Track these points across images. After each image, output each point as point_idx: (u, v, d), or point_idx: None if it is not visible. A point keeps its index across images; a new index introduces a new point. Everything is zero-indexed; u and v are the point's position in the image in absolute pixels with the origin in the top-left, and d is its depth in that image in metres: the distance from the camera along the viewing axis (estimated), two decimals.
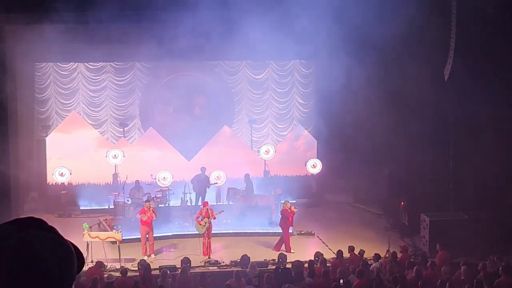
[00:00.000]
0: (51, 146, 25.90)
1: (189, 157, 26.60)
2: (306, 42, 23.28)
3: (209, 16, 21.58)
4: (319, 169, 26.48)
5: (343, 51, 22.96)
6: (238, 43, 23.13)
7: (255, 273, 18.39)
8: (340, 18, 20.82)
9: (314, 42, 23.26)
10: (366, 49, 22.63)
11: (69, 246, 2.22)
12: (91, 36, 22.58)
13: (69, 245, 2.23)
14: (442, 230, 20.99)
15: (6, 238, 2.12)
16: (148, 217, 20.79)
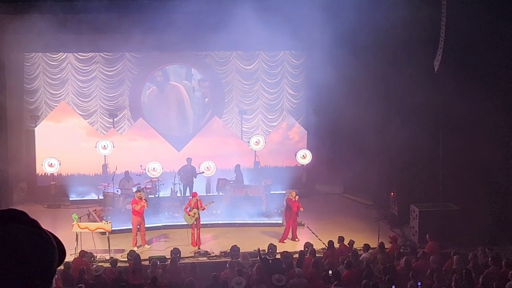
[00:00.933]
0: (40, 136, 25.81)
1: (179, 147, 26.57)
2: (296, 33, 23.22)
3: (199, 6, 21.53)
4: (309, 159, 26.51)
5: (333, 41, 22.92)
6: (228, 34, 23.09)
7: (248, 263, 18.40)
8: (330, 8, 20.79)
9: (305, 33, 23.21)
10: (356, 40, 22.60)
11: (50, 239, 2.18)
12: (81, 26, 22.50)
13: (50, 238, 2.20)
14: (432, 221, 21.05)
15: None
16: (141, 207, 20.76)
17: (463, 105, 21.30)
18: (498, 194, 21.74)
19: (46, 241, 2.17)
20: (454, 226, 20.73)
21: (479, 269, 17.09)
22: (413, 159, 23.12)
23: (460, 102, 21.46)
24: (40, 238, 2.16)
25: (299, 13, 21.35)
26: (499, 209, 21.59)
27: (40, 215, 23.45)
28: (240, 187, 24.54)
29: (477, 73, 21.26)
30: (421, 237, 20.61)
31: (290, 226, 21.64)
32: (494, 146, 21.44)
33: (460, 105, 21.44)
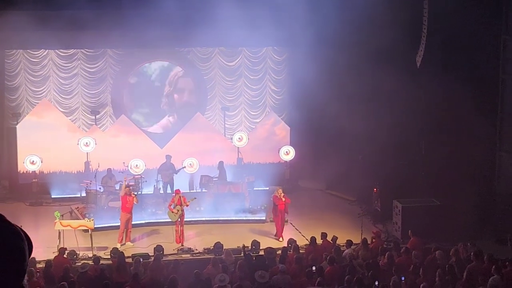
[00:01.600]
0: (22, 134, 25.64)
1: (162, 144, 26.48)
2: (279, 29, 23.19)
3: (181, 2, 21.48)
4: (292, 156, 26.50)
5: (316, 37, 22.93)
6: (211, 30, 23.04)
7: (231, 259, 18.39)
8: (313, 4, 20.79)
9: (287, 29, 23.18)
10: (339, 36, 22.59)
11: (17, 231, 2.15)
12: (61, 22, 22.34)
13: (19, 231, 2.16)
14: (414, 216, 21.12)
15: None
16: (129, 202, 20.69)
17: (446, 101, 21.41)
18: (480, 190, 21.85)
19: (14, 233, 2.13)
20: (437, 221, 20.82)
21: (462, 264, 17.18)
22: (396, 155, 23.18)
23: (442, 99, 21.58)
24: (8, 230, 2.12)
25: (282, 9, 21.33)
26: (481, 205, 21.69)
27: (22, 213, 23.37)
28: (224, 183, 24.49)
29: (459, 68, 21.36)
30: (404, 233, 20.69)
31: (279, 222, 21.59)
32: (476, 142, 21.53)
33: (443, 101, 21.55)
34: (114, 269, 17.75)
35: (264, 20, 21.84)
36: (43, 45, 25.43)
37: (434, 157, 22.38)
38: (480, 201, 21.64)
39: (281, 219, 21.52)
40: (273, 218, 22.00)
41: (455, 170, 21.84)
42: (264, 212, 23.47)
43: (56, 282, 16.28)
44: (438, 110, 21.68)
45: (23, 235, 2.18)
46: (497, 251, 18.67)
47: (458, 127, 21.56)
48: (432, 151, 22.38)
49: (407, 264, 17.30)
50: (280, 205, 21.35)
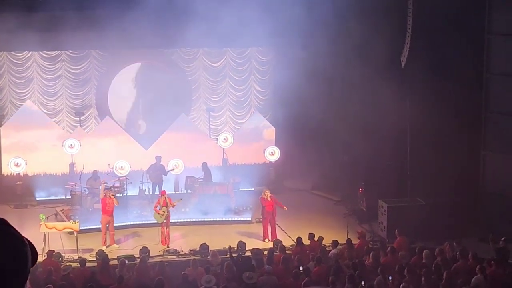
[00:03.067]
0: (6, 136, 25.52)
1: (147, 146, 26.42)
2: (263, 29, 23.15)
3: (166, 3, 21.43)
4: (278, 156, 26.50)
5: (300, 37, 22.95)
6: (195, 30, 23.00)
7: (217, 261, 18.36)
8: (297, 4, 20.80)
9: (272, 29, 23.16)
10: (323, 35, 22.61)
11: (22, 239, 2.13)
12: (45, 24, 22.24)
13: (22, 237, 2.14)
14: (400, 216, 21.18)
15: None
16: (109, 204, 20.63)
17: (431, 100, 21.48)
18: (465, 189, 21.95)
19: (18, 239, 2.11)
20: (422, 221, 20.87)
21: (448, 264, 17.25)
22: (381, 154, 23.23)
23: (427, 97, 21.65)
24: (13, 237, 2.10)
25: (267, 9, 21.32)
26: (466, 204, 21.79)
27: (6, 216, 22.96)
28: (209, 184, 24.47)
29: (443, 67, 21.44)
30: (390, 233, 20.74)
31: (266, 225, 21.55)
32: (461, 141, 21.63)
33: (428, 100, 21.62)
34: (98, 272, 17.69)
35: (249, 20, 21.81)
36: (27, 46, 25.29)
37: (419, 156, 22.44)
38: (465, 201, 21.74)
39: (269, 220, 21.47)
40: (262, 219, 21.95)
41: (440, 170, 21.92)
42: (250, 213, 23.46)
43: (42, 285, 16.19)
44: (423, 110, 21.74)
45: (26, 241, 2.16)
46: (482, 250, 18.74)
47: (442, 126, 21.64)
48: (417, 150, 22.44)
49: (393, 264, 17.34)
50: (268, 207, 21.33)
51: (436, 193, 21.57)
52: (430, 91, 21.60)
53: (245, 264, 17.72)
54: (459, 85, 21.42)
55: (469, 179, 22.22)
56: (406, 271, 16.36)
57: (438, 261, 17.25)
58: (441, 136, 21.74)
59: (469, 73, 21.82)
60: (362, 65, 22.89)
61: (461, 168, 21.97)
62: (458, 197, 21.49)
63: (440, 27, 21.39)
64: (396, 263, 17.31)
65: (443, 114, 21.42)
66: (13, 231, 2.12)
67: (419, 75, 21.79)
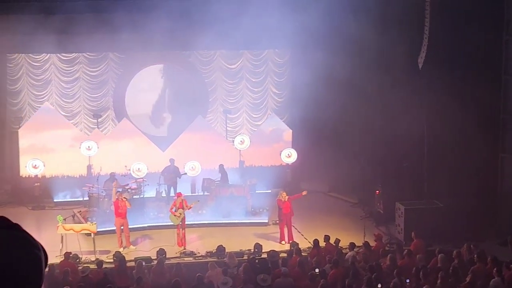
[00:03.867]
0: (24, 138, 25.67)
1: (164, 148, 26.48)
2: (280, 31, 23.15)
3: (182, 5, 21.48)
4: (294, 158, 26.46)
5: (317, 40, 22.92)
6: (212, 33, 23.04)
7: (234, 263, 18.36)
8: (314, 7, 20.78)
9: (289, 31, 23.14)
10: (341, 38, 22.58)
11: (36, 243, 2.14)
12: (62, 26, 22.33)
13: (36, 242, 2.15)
14: (417, 218, 21.08)
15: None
16: (121, 207, 20.67)
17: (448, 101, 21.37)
18: (483, 191, 21.81)
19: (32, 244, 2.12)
20: (440, 223, 20.78)
21: (465, 266, 17.16)
22: (398, 156, 23.15)
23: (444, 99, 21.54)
24: (26, 241, 2.11)
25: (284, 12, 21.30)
26: (484, 206, 21.66)
27: (24, 217, 23.35)
28: (225, 186, 24.47)
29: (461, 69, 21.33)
30: (407, 235, 20.64)
31: (283, 227, 21.48)
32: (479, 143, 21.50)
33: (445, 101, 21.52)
34: (116, 273, 17.74)
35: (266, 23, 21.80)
36: (45, 49, 25.42)
37: (436, 158, 22.35)
38: (483, 203, 21.61)
39: (286, 222, 21.40)
40: (278, 221, 21.90)
41: (457, 172, 21.81)
42: (267, 215, 23.45)
43: (59, 286, 16.26)
44: (440, 112, 21.65)
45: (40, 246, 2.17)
46: (500, 253, 18.63)
47: (460, 128, 21.54)
48: (435, 152, 22.35)
49: (410, 266, 17.27)
50: (285, 209, 21.28)
51: (454, 195, 21.46)
52: (447, 92, 21.48)
53: (261, 266, 17.72)
54: (476, 87, 21.29)
55: (487, 181, 22.08)
56: (422, 274, 16.29)
57: (455, 264, 17.16)
58: (459, 138, 21.62)
59: (486, 74, 21.69)
60: (379, 67, 22.83)
61: (479, 171, 21.85)
62: (476, 200, 21.35)
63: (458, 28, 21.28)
64: (413, 265, 17.24)
65: (460, 116, 21.31)
66: (27, 236, 2.13)
67: (436, 77, 21.70)
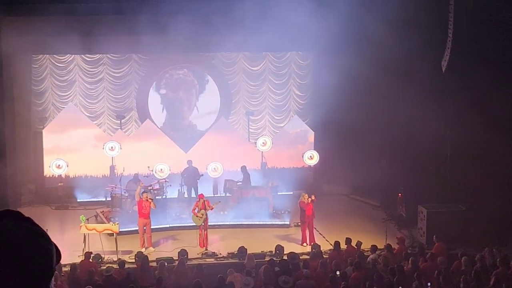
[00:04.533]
0: (48, 138, 25.87)
1: (186, 149, 26.57)
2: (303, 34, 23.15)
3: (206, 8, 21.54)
4: (316, 160, 26.44)
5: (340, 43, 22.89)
6: (235, 35, 23.09)
7: (252, 264, 18.39)
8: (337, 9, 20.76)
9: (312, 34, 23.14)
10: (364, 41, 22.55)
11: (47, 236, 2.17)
12: (88, 28, 22.48)
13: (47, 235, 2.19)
14: (440, 222, 21.00)
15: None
16: (145, 207, 20.73)
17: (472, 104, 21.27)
18: (506, 195, 21.69)
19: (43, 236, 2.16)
20: (462, 227, 20.68)
21: (487, 270, 17.07)
22: (420, 159, 23.06)
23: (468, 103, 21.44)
24: (37, 233, 2.15)
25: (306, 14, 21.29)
26: (507, 210, 21.53)
27: (48, 217, 23.54)
28: (247, 188, 24.50)
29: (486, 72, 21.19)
30: (429, 238, 20.57)
31: (305, 229, 21.47)
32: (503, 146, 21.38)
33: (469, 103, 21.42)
34: (138, 273, 17.82)
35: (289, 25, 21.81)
36: (69, 50, 25.60)
37: (459, 162, 22.24)
38: (505, 207, 21.48)
39: (308, 224, 21.39)
40: (300, 223, 21.88)
41: (480, 175, 21.69)
42: (288, 216, 23.45)
43: (82, 286, 16.38)
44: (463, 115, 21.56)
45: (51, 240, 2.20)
46: None
47: (484, 131, 21.41)
48: (458, 155, 22.25)
49: (432, 270, 17.21)
50: (308, 210, 21.26)
51: (477, 199, 21.35)
52: (470, 96, 21.40)
53: (282, 267, 17.73)
54: (500, 90, 21.17)
55: (510, 185, 21.94)
56: (443, 277, 16.23)
57: (477, 268, 17.08)
58: (482, 141, 21.50)
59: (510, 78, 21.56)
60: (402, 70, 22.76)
61: (502, 174, 21.72)
62: (499, 204, 21.23)
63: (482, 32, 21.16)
64: (435, 269, 17.18)
65: (484, 120, 21.20)
66: (38, 230, 2.16)
67: (459, 81, 21.60)
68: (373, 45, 22.42)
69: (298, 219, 22.07)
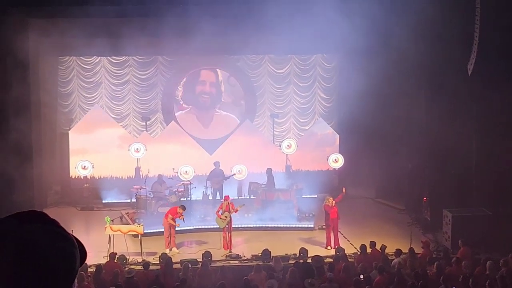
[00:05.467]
0: (74, 139, 26.06)
1: (211, 151, 26.64)
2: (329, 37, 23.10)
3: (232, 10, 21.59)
4: (341, 163, 26.38)
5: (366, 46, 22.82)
6: (260, 37, 23.12)
7: (280, 266, 18.38)
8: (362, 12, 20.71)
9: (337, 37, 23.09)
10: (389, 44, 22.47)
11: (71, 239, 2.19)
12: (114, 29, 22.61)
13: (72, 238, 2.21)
14: (465, 226, 20.85)
15: (8, 232, 2.09)
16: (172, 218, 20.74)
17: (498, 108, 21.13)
18: None
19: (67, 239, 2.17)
20: (488, 231, 20.52)
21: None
22: (446, 164, 22.93)
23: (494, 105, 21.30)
24: (62, 237, 2.17)
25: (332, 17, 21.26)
26: None
27: (73, 218, 23.71)
28: (272, 190, 24.50)
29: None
30: (454, 243, 20.44)
31: (329, 232, 21.39)
32: None
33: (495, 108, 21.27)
34: (162, 275, 17.88)
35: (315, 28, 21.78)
36: (96, 51, 25.78)
37: (485, 165, 22.09)
38: None
39: (332, 228, 21.32)
40: (325, 226, 21.82)
41: (506, 179, 21.53)
42: (313, 219, 23.42)
43: (107, 286, 16.46)
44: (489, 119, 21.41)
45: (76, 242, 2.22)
46: None
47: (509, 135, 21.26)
48: (483, 159, 22.10)
49: (457, 274, 17.11)
50: (332, 214, 21.21)
51: (502, 203, 21.19)
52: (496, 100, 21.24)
53: (307, 270, 17.71)
54: None
55: None
56: (471, 282, 16.12)
57: (502, 272, 16.95)
58: (507, 145, 21.33)
59: None
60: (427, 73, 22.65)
61: None
62: None
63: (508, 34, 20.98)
64: (460, 273, 17.07)
65: (509, 123, 21.04)
66: (62, 232, 2.18)
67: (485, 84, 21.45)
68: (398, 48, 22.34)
69: (323, 222, 22.02)
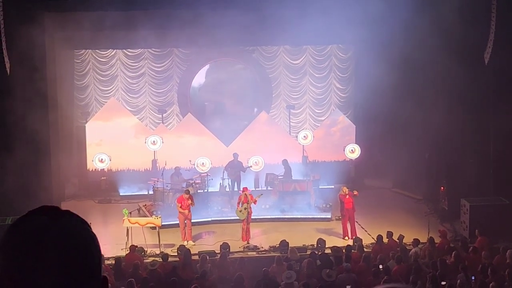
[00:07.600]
0: (91, 132, 26.14)
1: (227, 142, 26.66)
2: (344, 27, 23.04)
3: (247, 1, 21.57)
4: (358, 154, 26.31)
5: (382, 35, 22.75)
6: (276, 28, 23.09)
7: (296, 257, 18.41)
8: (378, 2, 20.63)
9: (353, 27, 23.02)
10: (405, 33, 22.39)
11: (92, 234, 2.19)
12: (130, 22, 22.67)
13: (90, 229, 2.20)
14: (483, 215, 20.78)
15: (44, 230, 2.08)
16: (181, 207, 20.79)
17: None
18: None
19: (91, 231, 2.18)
20: (505, 220, 20.44)
21: None
22: (463, 153, 22.85)
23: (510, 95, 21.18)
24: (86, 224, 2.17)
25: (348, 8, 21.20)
26: None
27: (91, 210, 23.81)
28: (289, 182, 24.49)
29: None
30: (472, 232, 20.38)
31: (346, 222, 21.39)
32: None
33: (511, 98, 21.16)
34: (180, 266, 17.94)
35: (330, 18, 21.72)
36: (112, 44, 25.85)
37: (502, 154, 21.99)
38: None
39: (348, 218, 21.30)
40: (341, 217, 21.81)
41: None
42: (330, 210, 23.42)
43: (126, 278, 16.54)
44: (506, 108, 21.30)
45: None
46: None
47: None
48: (500, 149, 21.99)
49: (475, 263, 17.07)
50: (347, 204, 21.19)
51: None
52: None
53: (324, 261, 17.73)
54: None
55: None
56: (490, 271, 16.09)
57: None
58: None
59: None
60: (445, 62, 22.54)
61: None
62: None
63: None
64: (478, 263, 17.04)
65: None
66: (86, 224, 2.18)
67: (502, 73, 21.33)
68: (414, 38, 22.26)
69: (339, 213, 22.02)
